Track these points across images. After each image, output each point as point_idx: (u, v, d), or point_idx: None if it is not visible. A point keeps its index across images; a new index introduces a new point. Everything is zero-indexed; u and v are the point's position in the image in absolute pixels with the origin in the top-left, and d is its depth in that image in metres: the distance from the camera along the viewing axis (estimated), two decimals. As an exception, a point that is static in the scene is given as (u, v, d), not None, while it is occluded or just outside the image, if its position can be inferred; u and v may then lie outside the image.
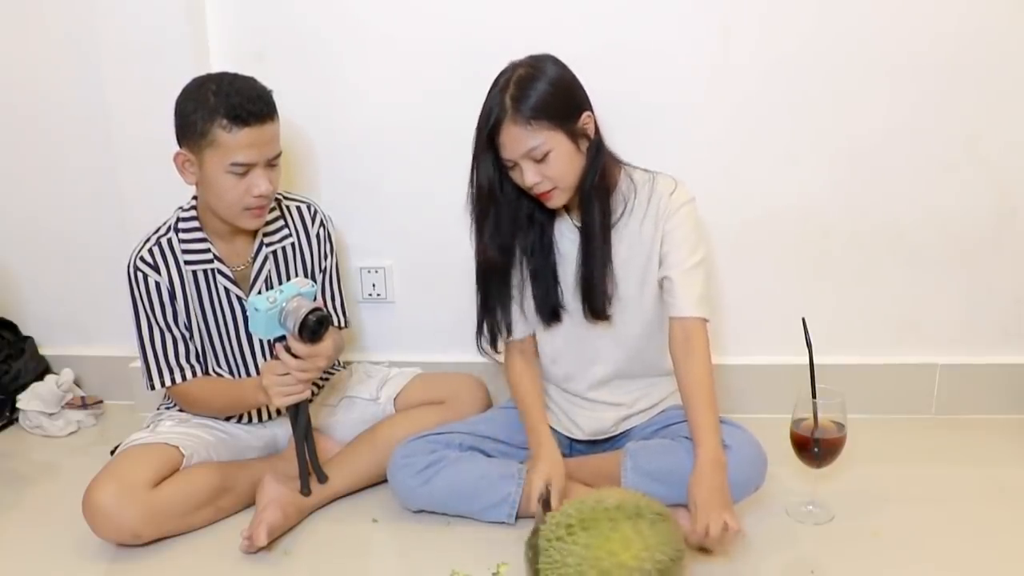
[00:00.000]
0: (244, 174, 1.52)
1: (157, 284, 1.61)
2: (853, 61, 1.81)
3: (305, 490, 1.57)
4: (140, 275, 1.61)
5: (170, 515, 1.52)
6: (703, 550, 1.42)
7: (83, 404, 2.11)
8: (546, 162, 1.44)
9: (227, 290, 1.65)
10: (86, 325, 2.20)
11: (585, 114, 1.48)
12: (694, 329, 1.52)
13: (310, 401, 1.56)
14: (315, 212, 1.73)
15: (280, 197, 1.71)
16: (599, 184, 1.50)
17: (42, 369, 2.18)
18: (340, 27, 1.89)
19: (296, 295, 1.46)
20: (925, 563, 1.42)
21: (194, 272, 1.63)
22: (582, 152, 1.48)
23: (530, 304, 1.62)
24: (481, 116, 1.46)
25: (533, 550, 1.31)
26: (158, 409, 1.76)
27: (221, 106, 1.48)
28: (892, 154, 1.86)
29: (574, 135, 1.46)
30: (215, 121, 1.48)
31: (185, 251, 1.63)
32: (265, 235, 1.67)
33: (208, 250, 1.63)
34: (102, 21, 1.87)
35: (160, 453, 1.57)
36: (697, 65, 1.84)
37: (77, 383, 2.16)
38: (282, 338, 1.48)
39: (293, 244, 1.70)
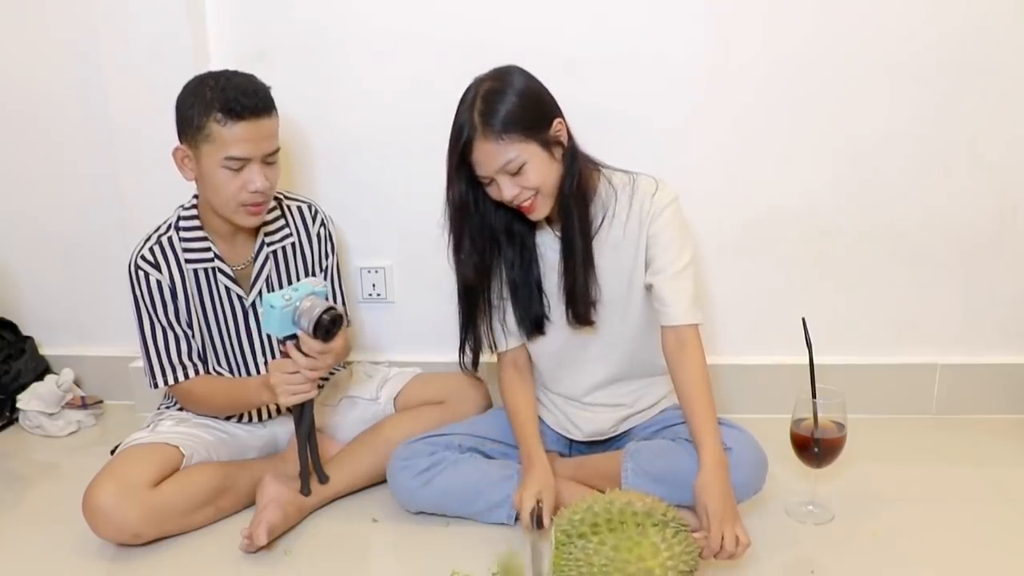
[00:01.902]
0: (239, 169, 1.52)
1: (158, 282, 1.61)
2: (854, 61, 1.81)
3: (305, 490, 1.57)
4: (141, 273, 1.61)
5: (170, 515, 1.52)
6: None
7: (83, 404, 2.11)
8: (522, 174, 1.42)
9: (228, 289, 1.65)
10: (86, 325, 2.20)
11: (556, 121, 1.45)
12: (688, 336, 1.50)
13: (312, 408, 1.56)
14: (316, 212, 1.73)
15: (281, 197, 1.71)
16: (577, 191, 1.48)
17: (42, 369, 2.18)
18: (340, 27, 1.89)
19: (310, 294, 1.46)
20: (925, 563, 1.42)
21: (195, 271, 1.63)
22: (557, 160, 1.46)
23: (511, 317, 1.61)
24: (452, 134, 1.44)
25: (534, 550, 1.32)
26: (158, 409, 1.76)
27: (216, 100, 1.48)
28: (892, 154, 1.86)
29: (547, 144, 1.44)
30: (210, 115, 1.49)
31: (186, 249, 1.63)
32: (266, 234, 1.67)
33: (209, 249, 1.63)
34: (103, 21, 1.87)
35: (160, 453, 1.56)
36: (697, 65, 1.84)
37: (77, 383, 2.16)
38: (292, 337, 1.48)
39: (294, 244, 1.70)
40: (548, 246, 1.57)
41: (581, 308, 1.53)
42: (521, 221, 1.54)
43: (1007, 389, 1.96)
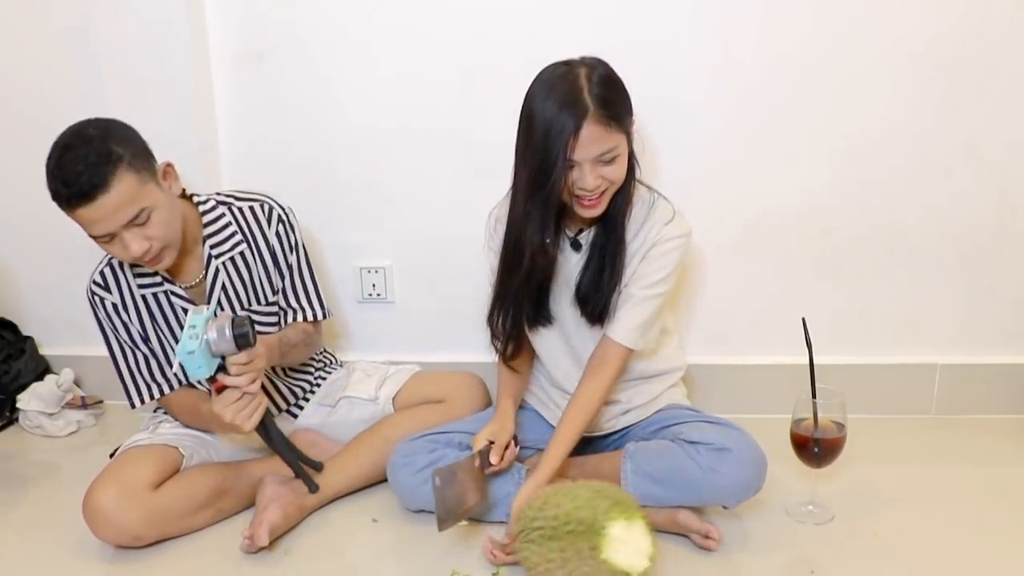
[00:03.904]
0: (110, 241, 1.45)
1: (113, 305, 1.60)
2: (852, 60, 1.81)
3: (313, 487, 1.57)
4: (97, 298, 1.60)
5: (171, 516, 1.52)
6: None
7: (83, 404, 2.11)
8: (611, 165, 1.41)
9: (185, 309, 1.61)
10: (86, 325, 2.16)
11: (633, 121, 1.46)
12: (613, 354, 1.52)
13: (272, 414, 1.52)
14: (270, 209, 1.66)
15: (231, 200, 1.65)
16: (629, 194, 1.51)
17: (42, 369, 2.18)
18: (340, 27, 1.89)
19: (206, 321, 1.40)
20: (925, 563, 1.42)
21: (145, 296, 1.61)
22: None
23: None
24: (555, 113, 1.37)
25: (442, 479, 1.42)
26: (157, 410, 1.76)
27: (50, 187, 1.41)
28: (892, 154, 1.86)
29: (630, 142, 1.45)
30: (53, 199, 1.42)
31: (136, 275, 1.60)
32: (212, 247, 1.61)
33: (156, 272, 1.59)
34: (103, 20, 1.87)
35: (160, 454, 1.57)
36: (696, 65, 1.84)
37: (77, 383, 2.16)
38: (219, 370, 1.42)
39: (247, 250, 1.64)
40: (564, 248, 1.57)
41: (603, 307, 1.53)
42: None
43: (1007, 389, 1.96)
